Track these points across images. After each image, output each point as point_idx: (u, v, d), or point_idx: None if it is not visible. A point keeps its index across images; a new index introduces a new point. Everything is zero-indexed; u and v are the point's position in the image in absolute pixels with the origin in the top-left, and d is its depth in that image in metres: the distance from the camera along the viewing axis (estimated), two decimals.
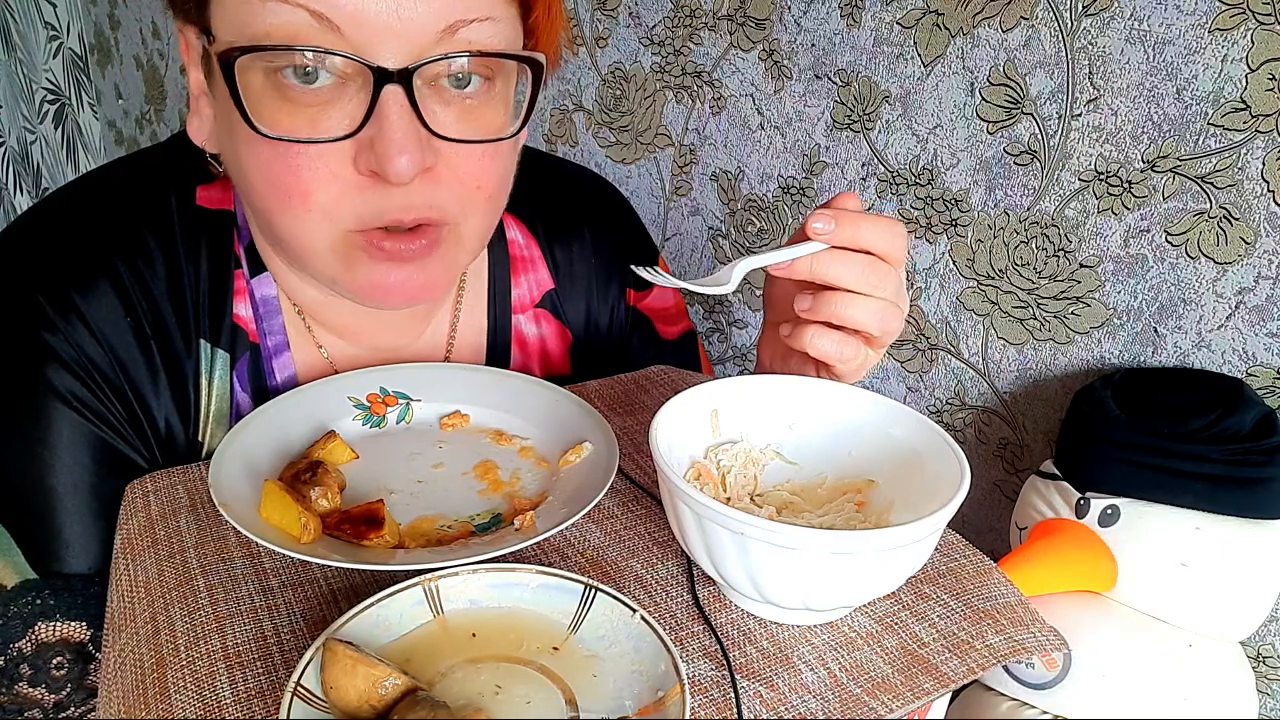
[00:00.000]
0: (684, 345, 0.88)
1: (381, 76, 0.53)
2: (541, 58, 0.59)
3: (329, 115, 0.54)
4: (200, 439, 0.65)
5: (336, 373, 0.70)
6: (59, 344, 0.59)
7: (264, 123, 0.54)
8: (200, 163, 0.66)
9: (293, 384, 0.68)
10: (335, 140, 0.54)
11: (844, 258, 0.56)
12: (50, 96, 2.87)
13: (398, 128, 0.53)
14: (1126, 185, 0.93)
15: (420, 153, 0.54)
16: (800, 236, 0.59)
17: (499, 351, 0.77)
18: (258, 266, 0.67)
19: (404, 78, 0.53)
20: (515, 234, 0.78)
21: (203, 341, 0.65)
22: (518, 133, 0.61)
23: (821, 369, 0.64)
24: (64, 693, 0.58)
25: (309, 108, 0.54)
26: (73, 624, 0.59)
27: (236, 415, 0.66)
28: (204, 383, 0.65)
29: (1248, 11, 0.82)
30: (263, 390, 0.67)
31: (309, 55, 0.52)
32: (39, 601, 0.58)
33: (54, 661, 0.58)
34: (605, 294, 0.81)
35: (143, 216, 0.64)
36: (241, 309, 0.66)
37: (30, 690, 0.57)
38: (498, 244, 0.77)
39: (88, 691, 0.59)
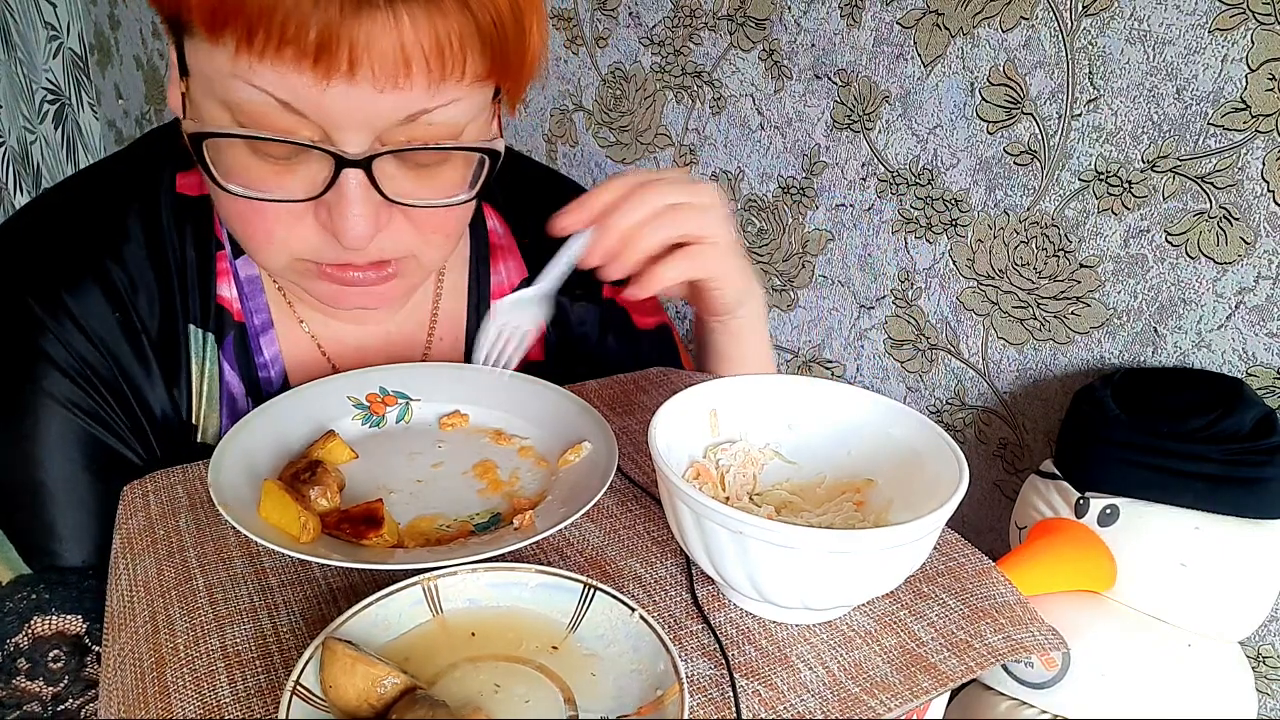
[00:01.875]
0: (660, 336, 0.88)
1: (342, 161, 0.55)
2: (500, 147, 0.61)
3: (294, 174, 0.56)
4: (195, 421, 0.66)
5: (320, 347, 0.72)
6: (51, 346, 0.61)
7: (233, 178, 0.56)
8: (177, 150, 0.67)
9: (279, 361, 0.69)
10: (297, 201, 0.57)
11: (621, 211, 0.62)
12: (50, 96, 2.87)
13: (355, 203, 0.56)
14: (1126, 185, 0.93)
15: (376, 222, 0.57)
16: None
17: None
18: (240, 247, 0.68)
19: (365, 164, 0.55)
20: (494, 223, 0.80)
21: (191, 326, 0.66)
22: (473, 198, 0.62)
23: (702, 294, 0.71)
24: (62, 685, 0.58)
25: (277, 165, 0.56)
26: (68, 617, 0.59)
27: (228, 395, 0.67)
28: (194, 366, 0.66)
29: (1248, 11, 0.82)
30: (251, 368, 0.68)
31: (274, 144, 0.54)
32: (34, 596, 0.59)
33: (51, 655, 0.58)
34: (582, 285, 0.82)
35: (128, 209, 0.65)
36: (225, 290, 0.67)
37: (29, 684, 0.58)
38: (479, 231, 0.79)
39: (85, 683, 0.59)
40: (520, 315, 0.64)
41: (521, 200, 0.81)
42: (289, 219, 0.58)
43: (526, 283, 0.72)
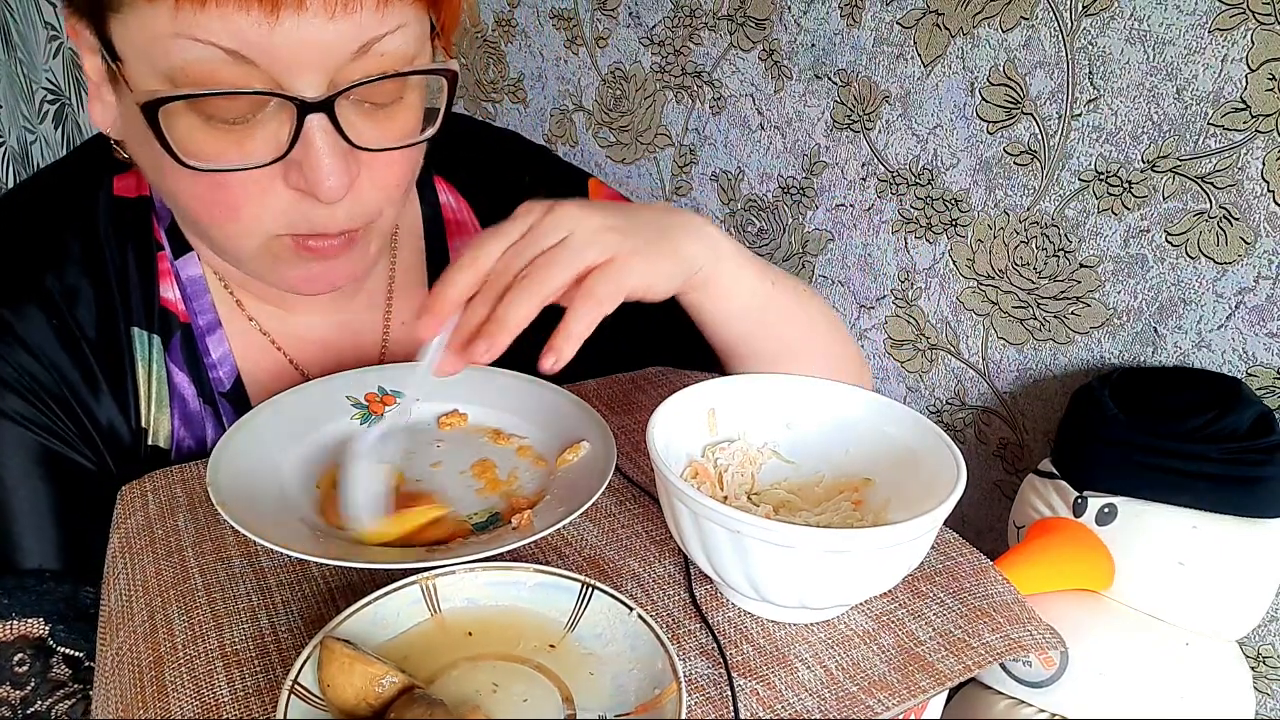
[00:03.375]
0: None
1: (304, 107, 0.53)
2: (455, 67, 0.59)
3: (255, 138, 0.54)
4: (145, 425, 0.66)
5: (275, 343, 0.71)
6: (0, 366, 0.61)
7: (190, 153, 0.54)
8: (111, 153, 0.66)
9: (229, 361, 0.69)
10: (264, 166, 0.55)
11: (470, 307, 0.54)
12: (50, 96, 2.87)
13: (325, 153, 0.54)
14: (1126, 185, 0.93)
15: (348, 171, 0.55)
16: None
17: None
18: (180, 248, 0.67)
19: (326, 105, 0.53)
20: (448, 198, 0.78)
21: (135, 329, 0.65)
22: (434, 134, 0.61)
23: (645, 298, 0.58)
24: (29, 688, 0.58)
25: (234, 132, 0.54)
26: (30, 620, 0.59)
27: (178, 397, 0.67)
28: (140, 370, 0.66)
29: (1248, 11, 0.82)
30: (199, 368, 0.68)
31: (229, 98, 0.52)
32: None
33: (15, 659, 0.58)
34: None
35: (65, 217, 0.65)
36: (168, 291, 0.67)
37: None
38: (432, 208, 0.77)
39: (52, 685, 0.59)
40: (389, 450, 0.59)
41: (481, 175, 0.79)
42: (255, 190, 0.56)
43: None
